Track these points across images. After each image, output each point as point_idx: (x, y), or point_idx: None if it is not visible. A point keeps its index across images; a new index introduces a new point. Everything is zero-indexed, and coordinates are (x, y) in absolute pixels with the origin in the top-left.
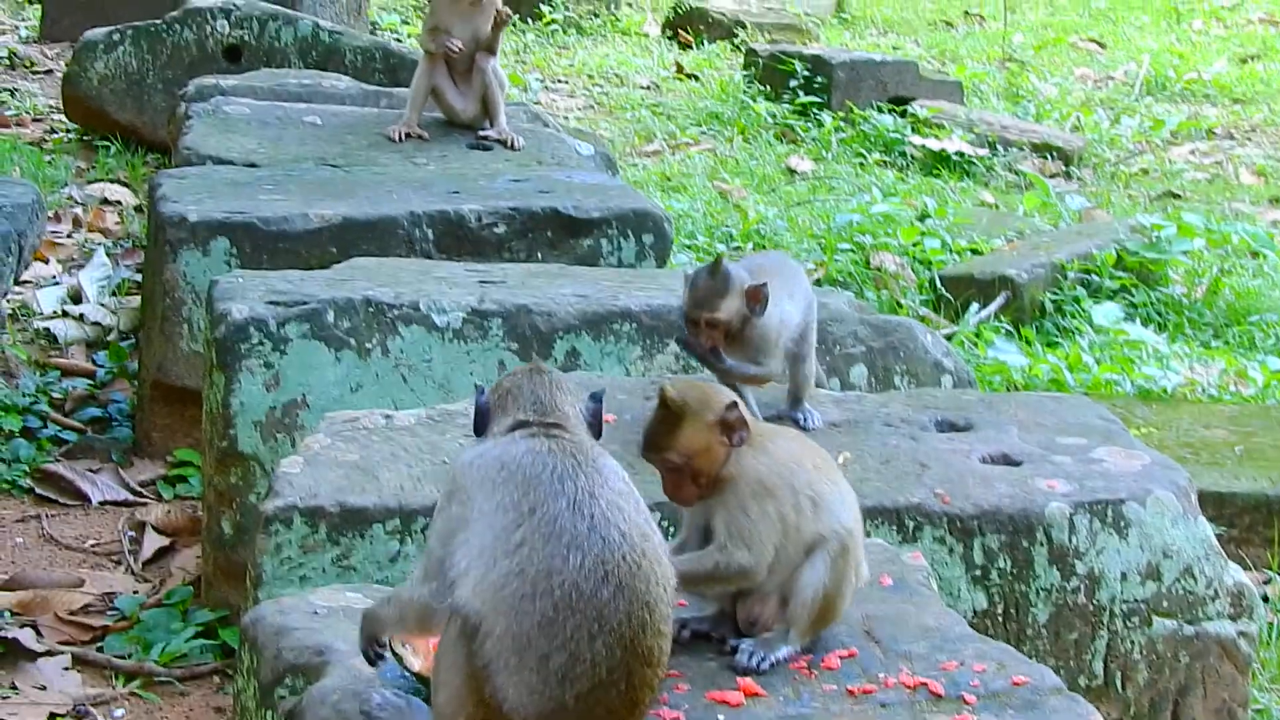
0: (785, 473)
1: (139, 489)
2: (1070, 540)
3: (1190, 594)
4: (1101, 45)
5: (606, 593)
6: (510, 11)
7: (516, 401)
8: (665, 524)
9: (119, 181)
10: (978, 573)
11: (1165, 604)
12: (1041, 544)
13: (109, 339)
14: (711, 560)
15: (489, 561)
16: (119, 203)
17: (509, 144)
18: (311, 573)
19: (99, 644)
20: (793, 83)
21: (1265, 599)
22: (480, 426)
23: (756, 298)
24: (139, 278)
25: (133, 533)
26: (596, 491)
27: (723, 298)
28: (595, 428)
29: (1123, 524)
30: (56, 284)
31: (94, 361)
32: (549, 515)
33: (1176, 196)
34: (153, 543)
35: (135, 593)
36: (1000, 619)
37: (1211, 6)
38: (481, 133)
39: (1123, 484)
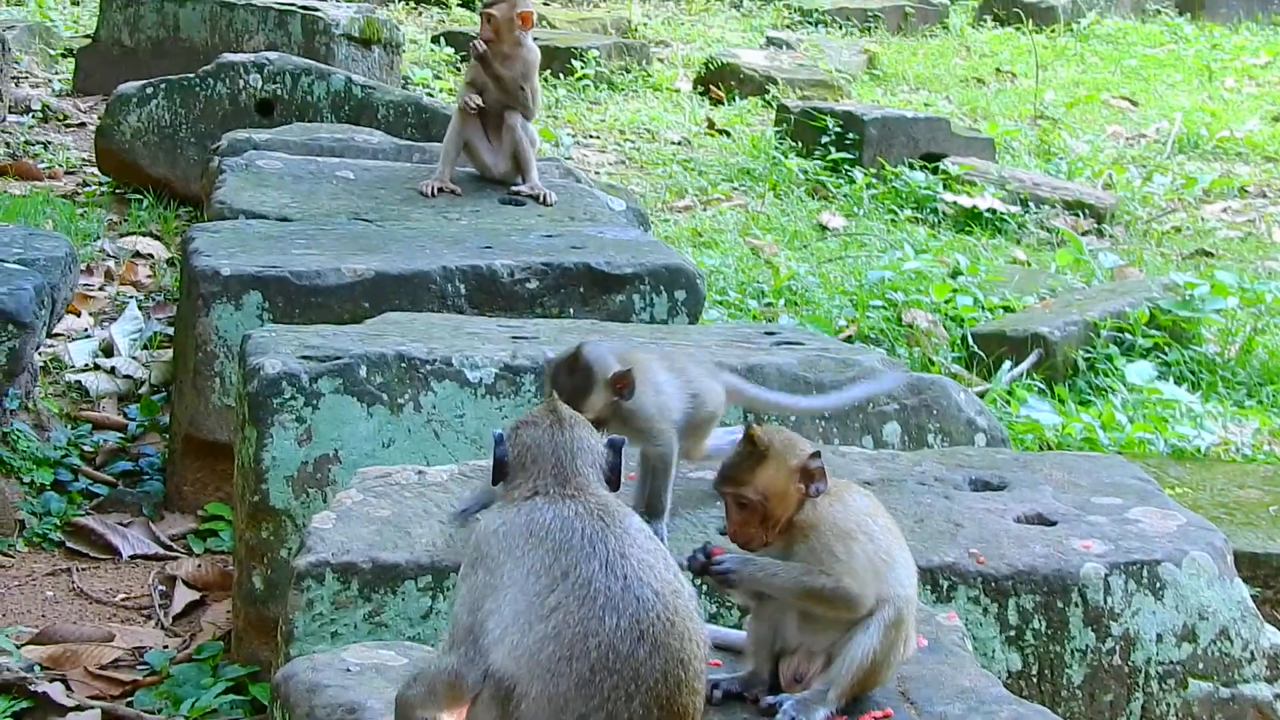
0: (863, 523)
1: (170, 543)
2: (1105, 601)
3: (1226, 656)
4: (1133, 103)
5: (643, 652)
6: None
7: (537, 462)
8: (698, 582)
9: (151, 235)
10: (1012, 633)
11: (1201, 666)
12: (1076, 605)
13: (140, 392)
14: (820, 582)
15: (524, 627)
16: (151, 256)
17: (541, 199)
18: (343, 629)
19: (129, 699)
20: (824, 139)
21: None
22: (498, 477)
23: (623, 384)
24: (170, 331)
25: (163, 587)
26: (627, 551)
27: (586, 395)
28: (613, 480)
29: (1158, 585)
30: (88, 337)
31: (125, 415)
32: (583, 578)
33: (1209, 255)
34: (183, 597)
35: (165, 647)
36: (1035, 680)
37: (1243, 65)
38: (514, 188)
39: (1158, 545)
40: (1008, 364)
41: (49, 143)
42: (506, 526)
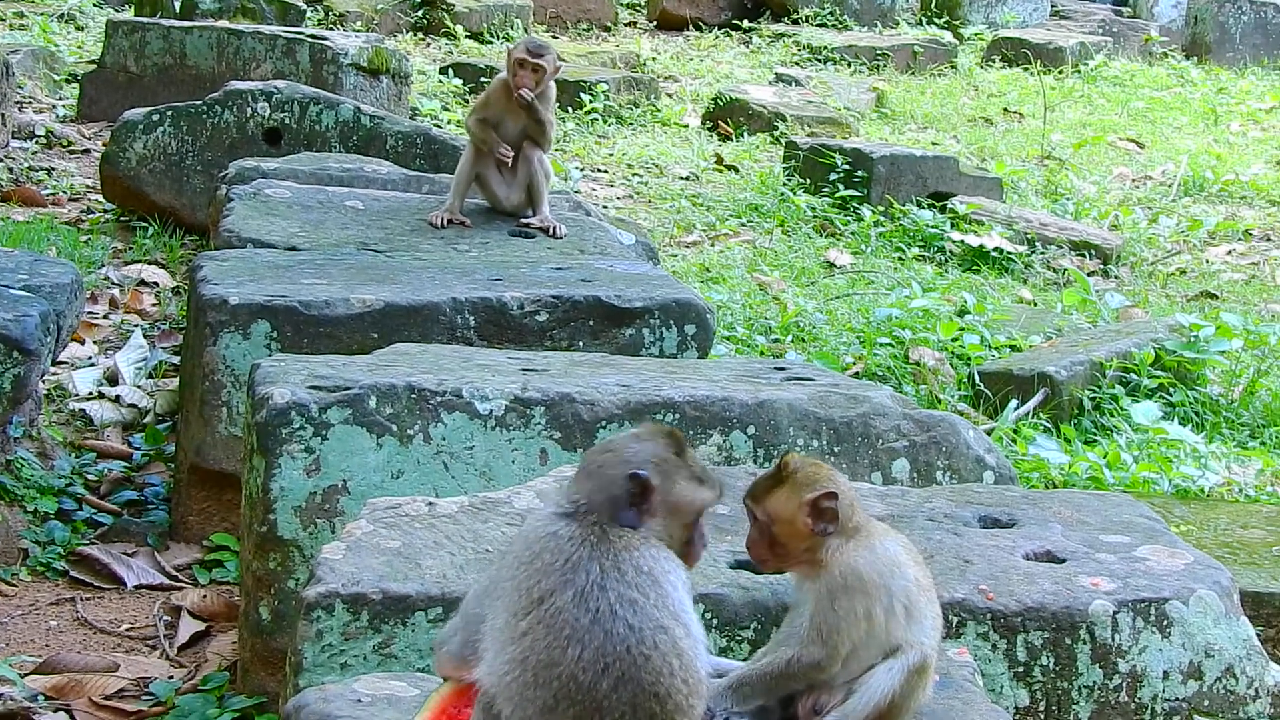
0: (886, 573)
1: (175, 573)
2: (1113, 638)
3: (1232, 693)
4: (1140, 145)
5: (606, 684)
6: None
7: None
8: (709, 616)
9: (156, 263)
10: (1020, 669)
11: (1207, 703)
12: (1084, 641)
13: (145, 421)
14: (784, 659)
15: (499, 646)
16: (156, 284)
17: (551, 232)
18: (353, 660)
19: None
20: (832, 176)
21: None
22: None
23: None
24: (176, 360)
25: (168, 617)
26: (608, 584)
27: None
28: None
29: (1166, 623)
30: (93, 365)
31: (130, 444)
32: (554, 607)
33: (1214, 297)
34: (188, 627)
35: (170, 678)
36: (1043, 716)
37: (1249, 109)
38: (523, 220)
39: (1166, 583)
40: (1014, 403)
41: (53, 169)
42: (525, 534)
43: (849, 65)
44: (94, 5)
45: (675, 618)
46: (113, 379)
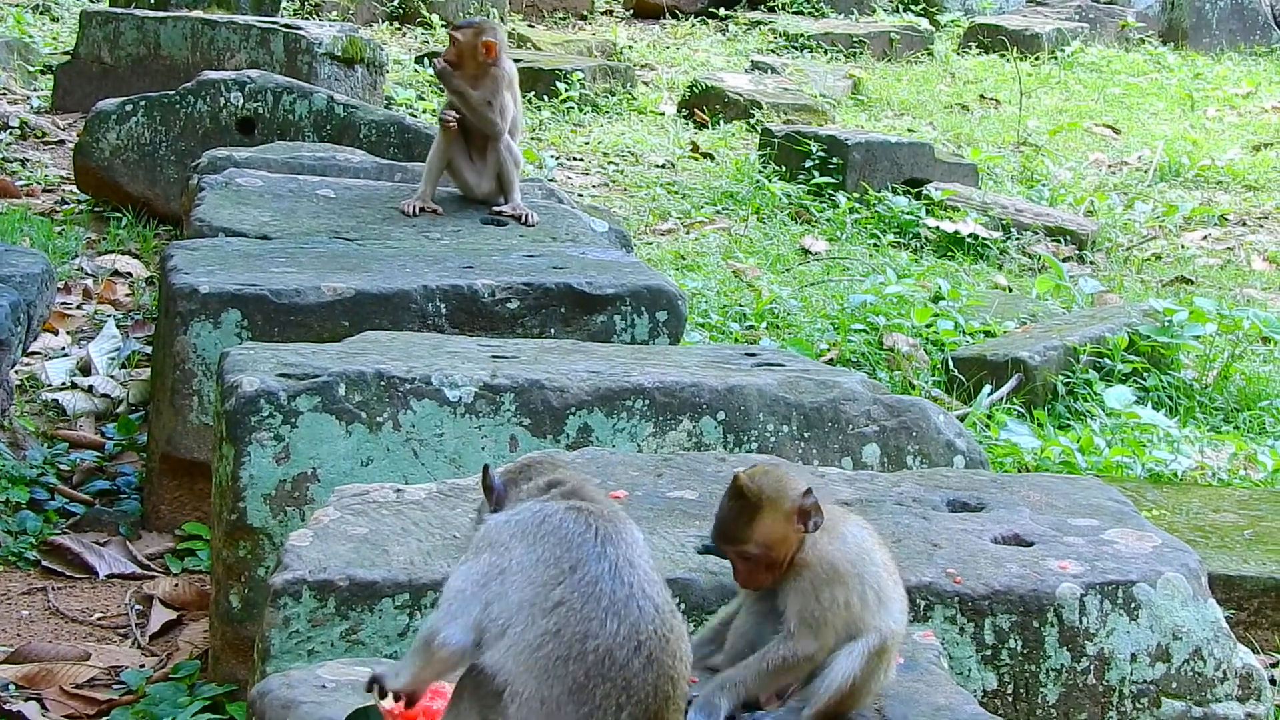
0: (858, 561)
1: (147, 562)
2: (1081, 621)
3: (1199, 676)
4: (1116, 131)
5: (638, 663)
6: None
7: (542, 471)
8: (677, 601)
9: (130, 253)
10: (988, 653)
11: (1174, 685)
12: (1052, 624)
13: (118, 411)
14: (779, 655)
15: (527, 620)
16: (130, 274)
17: (523, 219)
18: (320, 647)
19: (105, 718)
20: (808, 163)
21: (1273, 682)
22: (497, 505)
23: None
24: (149, 350)
25: (140, 606)
26: (635, 561)
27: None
28: None
29: (1133, 605)
30: (65, 355)
31: (102, 434)
32: (591, 576)
33: (1189, 282)
34: (160, 616)
35: (142, 667)
36: (1010, 699)
37: (1225, 94)
38: (495, 208)
39: (1134, 566)
40: (988, 388)
41: (26, 160)
42: (520, 516)
43: (825, 52)
44: None
45: (671, 601)
46: (86, 369)
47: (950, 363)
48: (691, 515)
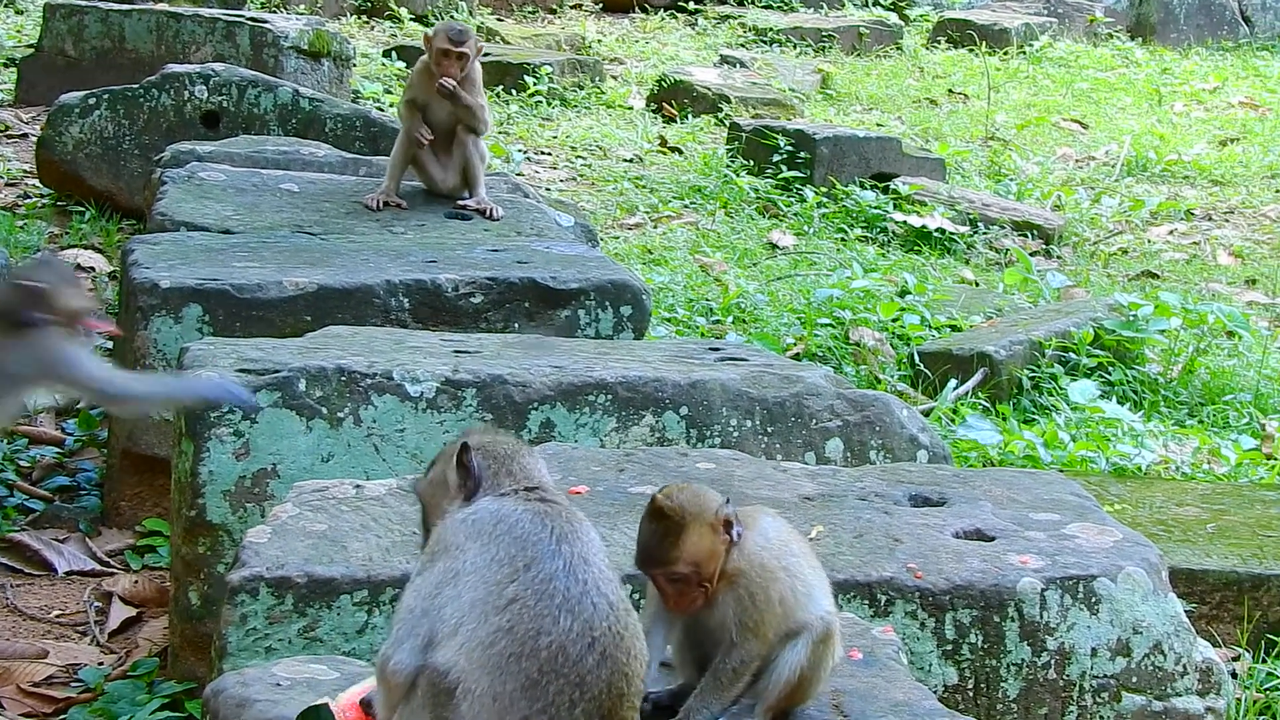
0: (782, 555)
1: (106, 559)
2: (1041, 616)
3: (1159, 670)
4: (1083, 126)
5: (592, 659)
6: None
7: (506, 468)
8: (635, 595)
9: (93, 248)
10: (949, 647)
11: (1135, 680)
12: (1013, 619)
13: (78, 407)
14: (730, 668)
15: (479, 617)
16: (93, 269)
17: (488, 214)
18: (278, 644)
19: (62, 716)
20: (776, 157)
21: (1234, 675)
22: (473, 491)
23: None
24: (111, 345)
25: (99, 603)
26: (591, 559)
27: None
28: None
29: (1094, 600)
30: None
31: (63, 429)
32: (544, 574)
33: (1154, 276)
34: (119, 613)
35: (100, 664)
36: (971, 694)
37: (1192, 89)
38: (460, 202)
39: (1094, 560)
40: (953, 382)
41: None
42: (476, 516)
43: (794, 47)
44: None
45: (627, 600)
46: None
47: (916, 357)
48: None
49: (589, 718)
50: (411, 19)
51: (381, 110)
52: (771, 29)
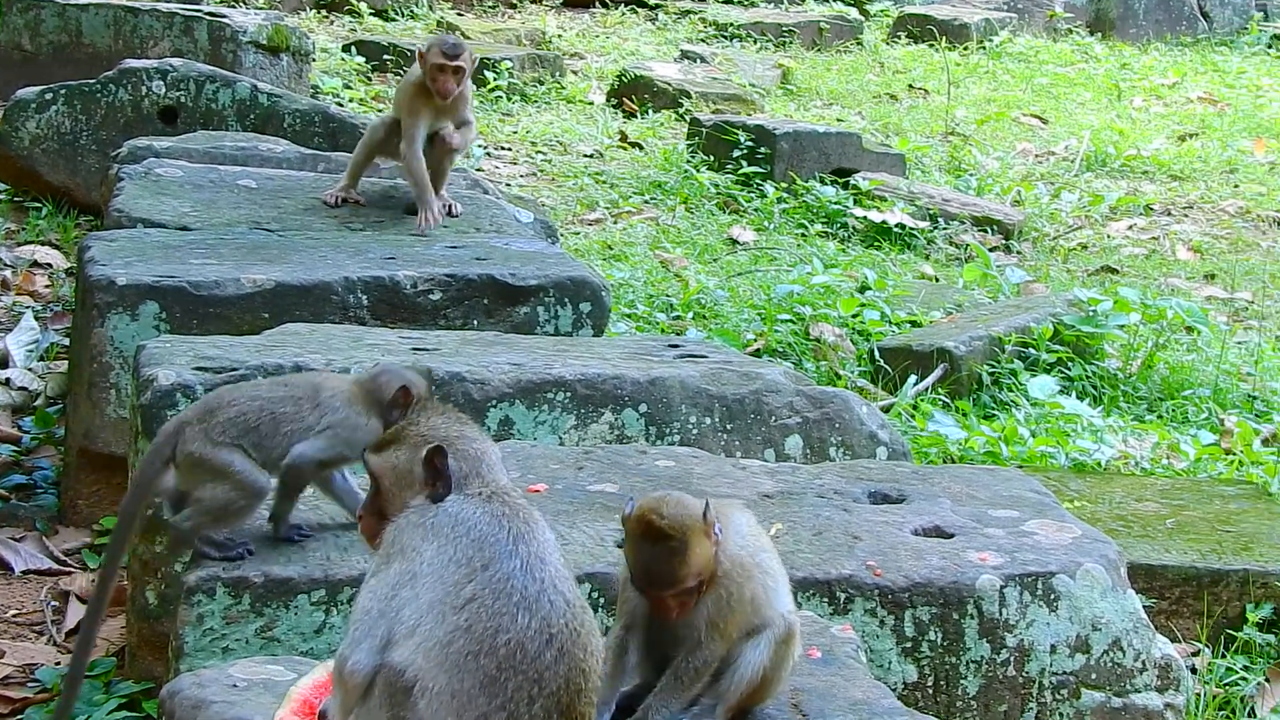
0: (755, 551)
1: (63, 558)
2: (1001, 613)
3: (1119, 666)
4: (1043, 121)
5: (549, 656)
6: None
7: (475, 470)
8: (592, 594)
9: (50, 244)
10: (908, 645)
11: (1094, 676)
12: (972, 616)
13: (35, 404)
14: (692, 667)
15: (437, 617)
16: (49, 265)
17: (447, 210)
18: (235, 644)
19: (19, 717)
20: (736, 153)
21: (1193, 671)
22: (441, 496)
23: None
24: (68, 342)
25: (56, 603)
26: (546, 557)
27: None
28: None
29: (1053, 597)
30: None
31: (19, 427)
32: (503, 573)
33: (1114, 271)
34: (76, 613)
35: (57, 664)
36: (930, 691)
37: (1151, 85)
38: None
39: (1053, 557)
40: (913, 378)
41: None
42: (433, 519)
43: (755, 42)
44: None
45: (582, 597)
46: (3, 361)
47: (876, 353)
48: (612, 509)
49: (547, 713)
50: (371, 13)
51: (341, 105)
52: (732, 24)
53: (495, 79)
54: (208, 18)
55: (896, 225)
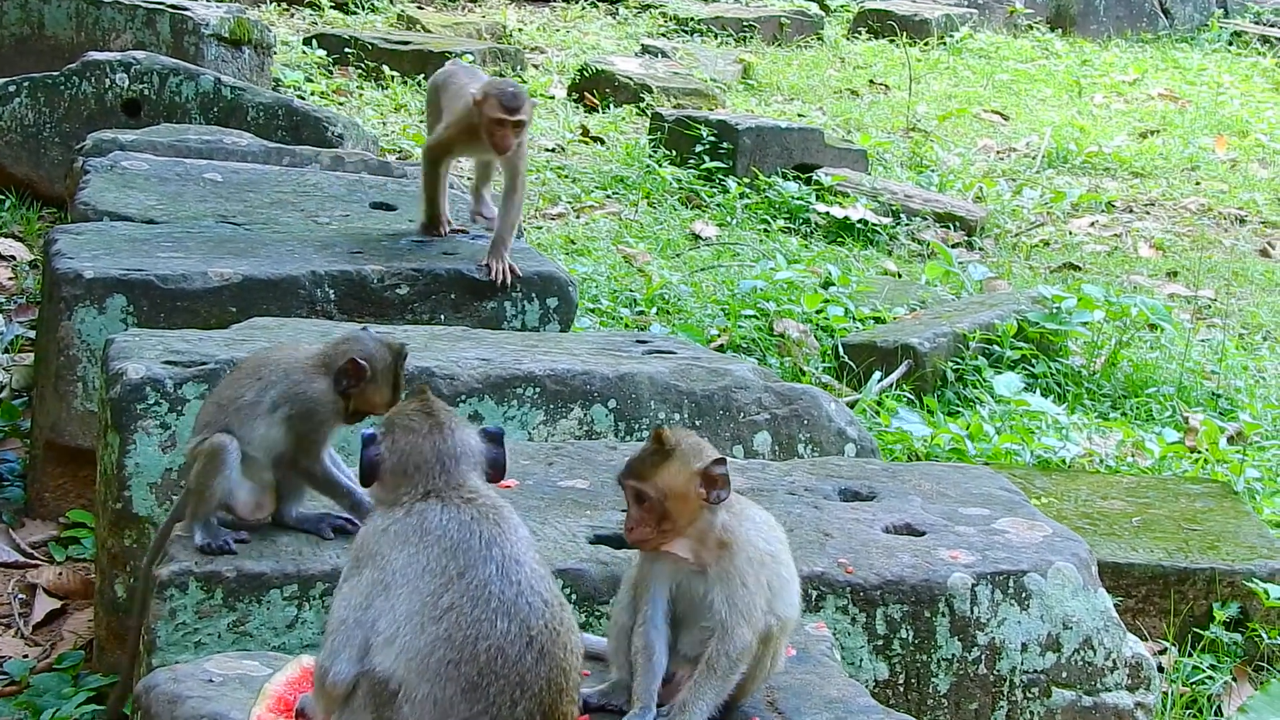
0: (771, 540)
1: (30, 550)
2: (972, 611)
3: (1089, 665)
4: (1004, 117)
5: (530, 658)
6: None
7: (421, 469)
8: (568, 591)
9: (13, 236)
10: (880, 643)
11: (1065, 675)
12: (943, 614)
13: (1, 397)
14: (725, 654)
15: (416, 628)
16: (13, 258)
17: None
18: (207, 639)
19: None
20: (698, 148)
21: (1161, 669)
22: (370, 479)
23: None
24: (33, 334)
25: (23, 595)
26: (521, 558)
27: None
28: (495, 475)
29: (1024, 595)
30: None
31: None
32: (478, 580)
33: (1076, 268)
34: (43, 605)
35: (25, 657)
36: (902, 689)
37: (1112, 81)
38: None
39: (1024, 555)
40: (877, 374)
41: None
42: (399, 526)
43: (715, 36)
44: None
45: (560, 595)
46: None
47: (840, 349)
48: (583, 504)
49: (530, 715)
50: (332, 6)
51: (303, 99)
52: (693, 19)
53: None
54: (170, 10)
55: (859, 221)
